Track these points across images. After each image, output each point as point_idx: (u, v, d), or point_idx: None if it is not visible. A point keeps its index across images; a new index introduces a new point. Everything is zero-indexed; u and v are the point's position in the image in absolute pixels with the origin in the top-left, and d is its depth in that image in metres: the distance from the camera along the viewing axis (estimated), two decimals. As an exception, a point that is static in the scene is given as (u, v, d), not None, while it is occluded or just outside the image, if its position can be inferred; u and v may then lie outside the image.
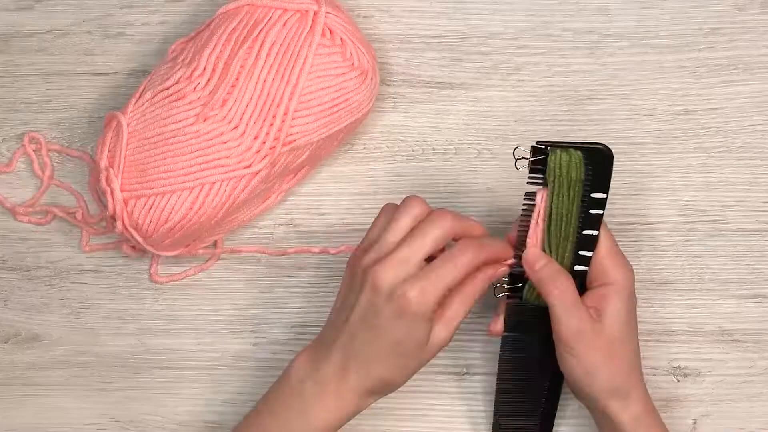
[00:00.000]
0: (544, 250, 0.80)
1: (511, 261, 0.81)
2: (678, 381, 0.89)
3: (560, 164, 0.78)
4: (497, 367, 0.85)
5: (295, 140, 0.85)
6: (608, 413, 0.80)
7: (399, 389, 0.84)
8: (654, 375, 0.89)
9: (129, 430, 0.90)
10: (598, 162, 0.79)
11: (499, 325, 0.83)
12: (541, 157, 0.78)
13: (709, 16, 0.91)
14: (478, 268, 0.79)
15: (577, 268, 0.81)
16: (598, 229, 0.80)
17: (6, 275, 0.92)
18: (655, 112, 0.91)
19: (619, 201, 0.90)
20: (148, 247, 0.85)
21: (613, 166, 0.79)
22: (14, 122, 0.93)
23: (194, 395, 0.90)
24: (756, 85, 0.91)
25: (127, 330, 0.91)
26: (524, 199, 0.80)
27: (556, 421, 0.86)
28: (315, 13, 0.85)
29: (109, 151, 0.84)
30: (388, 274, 0.77)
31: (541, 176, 0.79)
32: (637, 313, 0.81)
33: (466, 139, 0.91)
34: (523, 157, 0.79)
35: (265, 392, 0.81)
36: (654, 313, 0.89)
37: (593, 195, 0.79)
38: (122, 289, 0.91)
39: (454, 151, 0.91)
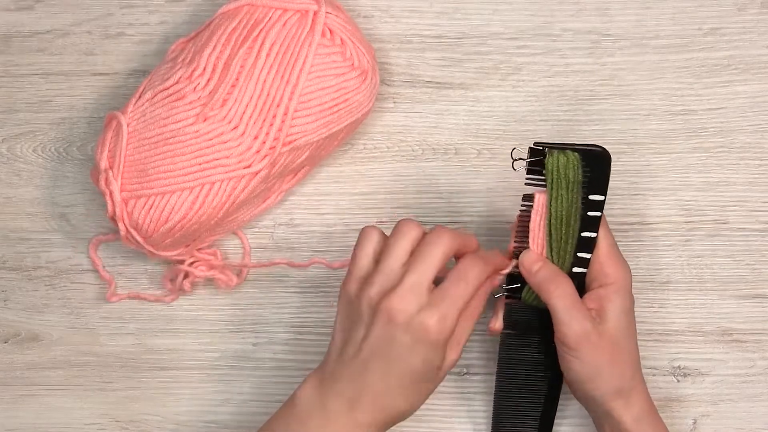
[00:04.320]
0: (547, 253, 0.80)
1: (507, 270, 0.81)
2: (678, 381, 0.89)
3: (558, 166, 0.78)
4: (496, 366, 0.85)
5: (295, 140, 0.85)
6: (611, 414, 0.80)
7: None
8: (654, 375, 0.89)
9: (129, 430, 0.90)
10: (595, 164, 0.78)
11: (498, 322, 0.83)
12: (538, 158, 0.78)
13: (709, 16, 0.91)
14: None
15: (576, 270, 0.81)
16: (596, 231, 0.80)
17: (6, 275, 0.92)
18: (655, 112, 0.91)
19: (619, 201, 0.90)
20: (148, 247, 0.85)
21: (611, 168, 0.79)
22: (14, 122, 0.93)
23: (194, 395, 0.90)
24: (756, 85, 0.91)
25: (127, 330, 0.91)
26: (522, 202, 0.80)
27: (556, 420, 0.86)
28: (315, 13, 0.85)
29: (108, 151, 0.84)
30: (403, 305, 0.75)
31: (539, 177, 0.79)
32: (637, 312, 0.81)
33: (466, 139, 0.91)
34: (520, 158, 0.79)
35: (267, 419, 0.80)
36: (654, 313, 0.89)
37: (591, 197, 0.79)
38: (122, 289, 0.91)
39: (454, 151, 0.91)
